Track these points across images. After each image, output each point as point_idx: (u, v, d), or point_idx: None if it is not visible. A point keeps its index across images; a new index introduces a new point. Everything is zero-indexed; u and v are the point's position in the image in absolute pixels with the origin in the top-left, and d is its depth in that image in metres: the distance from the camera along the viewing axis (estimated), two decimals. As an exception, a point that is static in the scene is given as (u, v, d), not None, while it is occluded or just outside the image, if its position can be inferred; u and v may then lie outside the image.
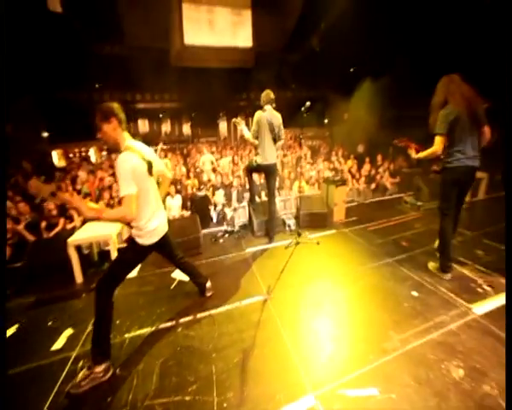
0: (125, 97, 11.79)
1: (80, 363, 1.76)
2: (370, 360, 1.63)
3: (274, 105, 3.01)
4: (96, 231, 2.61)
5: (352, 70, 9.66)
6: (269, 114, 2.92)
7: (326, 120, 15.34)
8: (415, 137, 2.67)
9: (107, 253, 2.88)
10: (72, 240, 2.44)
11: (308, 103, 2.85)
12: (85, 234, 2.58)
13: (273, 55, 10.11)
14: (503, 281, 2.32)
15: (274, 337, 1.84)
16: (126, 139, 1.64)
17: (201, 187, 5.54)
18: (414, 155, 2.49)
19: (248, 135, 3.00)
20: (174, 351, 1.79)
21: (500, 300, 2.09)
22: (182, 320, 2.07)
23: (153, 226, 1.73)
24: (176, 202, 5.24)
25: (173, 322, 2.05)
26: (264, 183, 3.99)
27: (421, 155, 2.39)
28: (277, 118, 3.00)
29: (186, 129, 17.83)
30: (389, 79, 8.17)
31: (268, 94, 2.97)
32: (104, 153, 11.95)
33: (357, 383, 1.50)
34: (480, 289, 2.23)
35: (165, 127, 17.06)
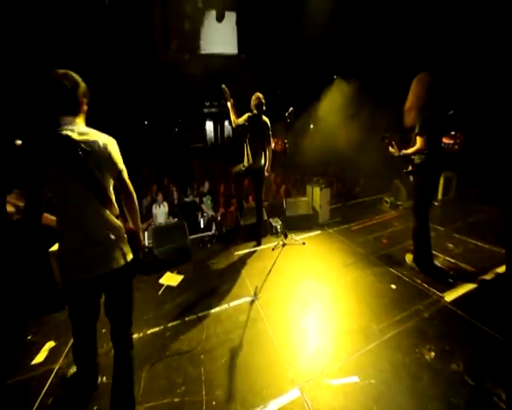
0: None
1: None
2: (352, 351, 1.73)
3: (264, 108, 2.99)
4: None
5: (334, 77, 10.09)
6: (257, 118, 2.97)
7: (311, 126, 15.85)
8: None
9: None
10: (53, 251, 2.38)
11: (291, 109, 2.97)
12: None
13: (259, 61, 10.38)
14: (470, 270, 2.54)
15: (261, 336, 1.90)
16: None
17: (188, 193, 5.54)
18: (397, 153, 2.51)
19: (235, 117, 2.94)
20: (162, 355, 1.80)
21: (466, 287, 2.29)
22: (170, 325, 2.07)
23: None
24: (162, 209, 5.21)
25: (161, 327, 2.06)
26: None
27: (407, 152, 2.40)
28: (266, 122, 3.05)
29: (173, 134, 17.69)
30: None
31: (258, 97, 2.93)
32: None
33: (339, 373, 1.59)
34: (450, 279, 2.42)
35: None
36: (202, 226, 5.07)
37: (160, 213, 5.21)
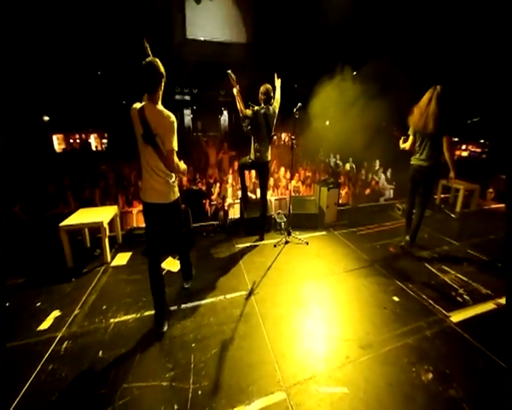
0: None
1: (65, 343, 1.79)
2: (346, 360, 1.68)
3: (272, 101, 2.96)
4: (88, 218, 2.63)
5: (354, 73, 9.63)
6: (266, 112, 2.90)
7: (327, 122, 15.35)
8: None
9: (100, 240, 2.91)
10: (64, 225, 2.46)
11: (299, 104, 2.87)
12: (77, 220, 2.60)
13: (274, 54, 10.10)
14: (484, 291, 2.38)
15: (253, 332, 1.89)
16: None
17: (197, 180, 5.56)
18: (401, 145, 3.06)
19: (242, 105, 2.87)
20: (156, 339, 1.83)
21: (476, 309, 2.15)
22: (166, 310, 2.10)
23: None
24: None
25: (157, 311, 2.09)
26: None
27: (402, 146, 3.05)
28: (274, 115, 2.98)
29: (187, 121, 17.78)
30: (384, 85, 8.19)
31: (266, 90, 2.88)
32: (105, 140, 11.92)
33: (329, 381, 1.55)
34: (459, 298, 2.29)
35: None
36: (209, 215, 5.10)
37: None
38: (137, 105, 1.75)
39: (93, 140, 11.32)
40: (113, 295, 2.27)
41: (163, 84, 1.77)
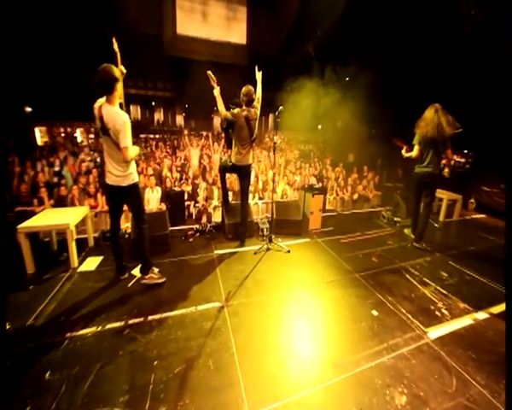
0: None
1: (8, 362, 1.61)
2: (318, 382, 1.58)
3: (254, 103, 2.88)
4: (54, 220, 2.43)
5: (347, 79, 9.73)
6: (247, 114, 2.81)
7: (319, 126, 15.44)
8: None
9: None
10: (23, 227, 2.26)
11: (281, 108, 2.80)
12: (40, 222, 2.40)
13: (268, 56, 10.05)
14: (461, 305, 2.35)
15: (222, 348, 1.77)
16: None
17: (182, 181, 5.39)
18: (405, 154, 3.41)
19: (223, 107, 2.77)
20: (115, 355, 1.68)
21: (454, 324, 2.11)
22: (131, 322, 1.95)
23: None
24: (155, 194, 5.08)
25: (122, 323, 1.94)
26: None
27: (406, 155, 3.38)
28: (256, 118, 2.89)
29: (180, 120, 17.52)
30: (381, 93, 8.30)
31: (249, 92, 2.79)
32: (92, 135, 11.50)
33: (298, 406, 1.45)
34: (437, 313, 2.24)
35: (158, 116, 16.68)
36: (194, 218, 4.94)
37: (152, 198, 5.08)
38: (98, 103, 2.05)
39: (79, 134, 10.88)
40: (74, 304, 2.09)
41: (118, 86, 2.07)
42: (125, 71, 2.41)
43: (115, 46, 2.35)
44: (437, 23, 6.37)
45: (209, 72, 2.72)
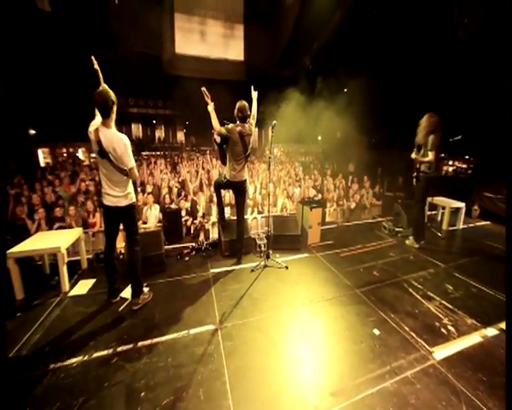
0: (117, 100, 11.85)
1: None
2: (314, 411, 1.47)
3: (249, 119, 2.89)
4: (44, 243, 2.42)
5: (345, 90, 9.93)
6: (241, 130, 2.82)
7: (319, 137, 15.65)
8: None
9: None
10: (13, 252, 2.24)
11: (274, 122, 2.82)
12: (31, 246, 2.38)
13: (266, 71, 10.35)
14: (469, 321, 2.23)
15: (214, 376, 1.67)
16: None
17: (181, 197, 5.40)
18: (424, 159, 3.44)
19: (217, 123, 2.77)
20: (100, 388, 1.59)
21: (462, 343, 1.98)
22: (120, 349, 1.87)
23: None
24: (153, 211, 5.08)
25: (110, 350, 1.86)
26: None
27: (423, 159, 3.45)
28: (250, 134, 2.90)
29: (180, 136, 17.93)
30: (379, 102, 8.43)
31: (243, 107, 2.80)
32: (93, 154, 11.75)
33: (294, 440, 1.34)
34: (443, 330, 2.12)
35: (159, 133, 17.11)
36: (192, 236, 4.90)
37: (151, 215, 5.08)
38: (93, 127, 2.05)
39: (81, 154, 11.14)
40: (61, 332, 2.02)
41: (115, 108, 2.07)
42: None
43: (95, 65, 2.34)
44: (432, 32, 6.54)
45: (203, 88, 2.76)
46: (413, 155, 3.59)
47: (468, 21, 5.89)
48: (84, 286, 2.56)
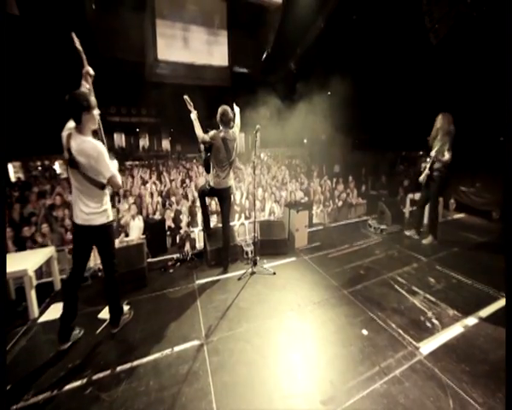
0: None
1: None
2: (304, 423, 1.42)
3: (232, 124, 2.85)
4: (8, 266, 2.19)
5: (328, 93, 10.21)
6: (225, 135, 2.78)
7: (305, 140, 15.94)
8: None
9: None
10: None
11: (258, 126, 2.82)
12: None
13: (251, 76, 10.44)
14: (451, 312, 2.28)
15: (199, 395, 1.58)
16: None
17: (166, 207, 5.25)
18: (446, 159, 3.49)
19: (200, 131, 2.74)
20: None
21: (445, 335, 2.02)
22: (95, 377, 1.73)
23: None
24: (136, 222, 4.88)
25: (84, 380, 1.71)
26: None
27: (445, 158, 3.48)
28: (234, 139, 2.87)
29: (166, 144, 17.62)
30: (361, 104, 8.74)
31: (225, 112, 2.75)
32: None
33: (284, 457, 1.27)
34: (428, 324, 2.16)
35: (143, 142, 16.73)
36: (177, 246, 4.75)
37: (135, 227, 4.88)
38: (66, 131, 1.81)
39: (58, 167, 10.58)
40: (30, 364, 1.83)
41: (91, 116, 1.83)
42: (92, 73, 2.10)
43: (77, 44, 2.03)
44: (407, 36, 6.91)
45: (185, 96, 2.73)
46: (433, 153, 3.54)
47: (439, 27, 6.29)
48: (56, 310, 2.36)
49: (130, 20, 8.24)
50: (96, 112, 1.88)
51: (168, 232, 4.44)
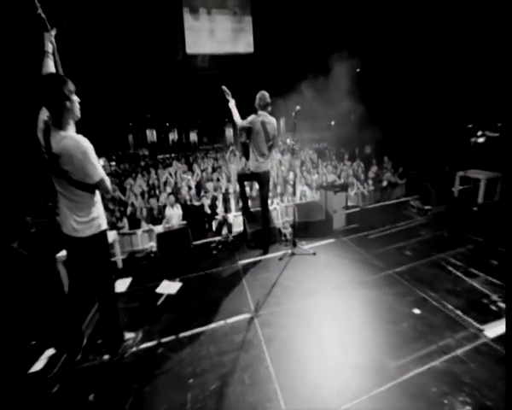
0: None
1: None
2: (359, 392, 1.46)
3: (269, 109, 2.85)
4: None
5: (357, 70, 9.42)
6: (263, 119, 2.79)
7: (332, 122, 15.09)
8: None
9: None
10: (61, 256, 2.43)
11: (298, 107, 2.73)
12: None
13: (276, 61, 10.10)
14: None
15: (256, 361, 1.71)
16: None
17: (202, 195, 5.51)
18: None
19: (238, 118, 2.80)
20: (151, 376, 1.70)
21: (516, 319, 1.84)
22: (164, 340, 1.97)
23: None
24: (175, 210, 5.23)
25: (155, 342, 1.97)
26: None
27: None
28: (272, 123, 2.86)
29: (193, 136, 18.21)
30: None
31: (263, 96, 2.78)
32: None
33: (343, 420, 1.34)
34: (493, 307, 1.99)
35: (173, 136, 17.49)
36: (214, 230, 5.00)
37: (174, 214, 5.24)
38: (42, 123, 1.44)
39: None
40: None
41: (71, 103, 1.44)
42: (54, 43, 1.67)
43: (39, 10, 1.62)
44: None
45: (223, 86, 2.82)
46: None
47: None
48: (121, 285, 2.72)
49: (159, 18, 8.43)
50: (77, 99, 1.50)
51: (205, 218, 4.67)
